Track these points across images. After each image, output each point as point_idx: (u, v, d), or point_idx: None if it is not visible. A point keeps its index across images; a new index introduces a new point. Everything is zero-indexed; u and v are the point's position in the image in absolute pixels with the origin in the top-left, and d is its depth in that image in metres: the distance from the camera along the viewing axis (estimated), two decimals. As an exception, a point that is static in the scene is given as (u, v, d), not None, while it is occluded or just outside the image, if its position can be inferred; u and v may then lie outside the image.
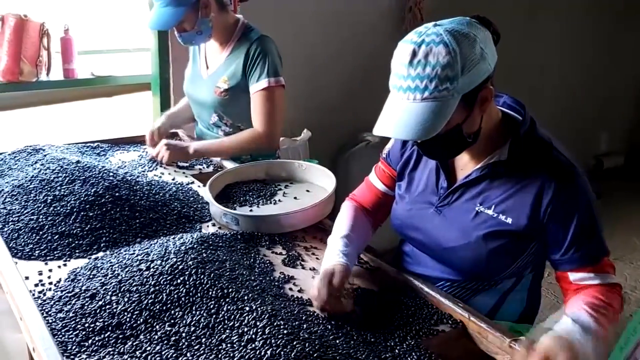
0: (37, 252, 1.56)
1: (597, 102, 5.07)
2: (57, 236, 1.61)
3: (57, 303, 1.33)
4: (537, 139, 1.39)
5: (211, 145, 2.30)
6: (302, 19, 3.45)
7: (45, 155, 1.99)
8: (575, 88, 4.88)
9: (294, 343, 1.14)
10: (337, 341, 1.24)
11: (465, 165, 1.46)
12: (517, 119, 1.43)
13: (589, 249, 1.36)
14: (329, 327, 1.31)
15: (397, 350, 1.25)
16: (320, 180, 2.04)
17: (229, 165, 2.23)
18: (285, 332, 1.17)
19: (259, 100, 2.25)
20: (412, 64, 1.24)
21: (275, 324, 1.19)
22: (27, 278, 1.44)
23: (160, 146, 2.22)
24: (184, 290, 1.30)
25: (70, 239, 1.60)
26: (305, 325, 1.25)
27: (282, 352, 1.12)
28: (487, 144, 1.40)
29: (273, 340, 1.14)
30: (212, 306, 1.26)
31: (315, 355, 1.13)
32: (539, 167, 1.36)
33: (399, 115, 1.26)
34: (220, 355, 1.13)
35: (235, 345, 1.15)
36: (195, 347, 1.16)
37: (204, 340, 1.18)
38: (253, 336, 1.16)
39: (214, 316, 1.23)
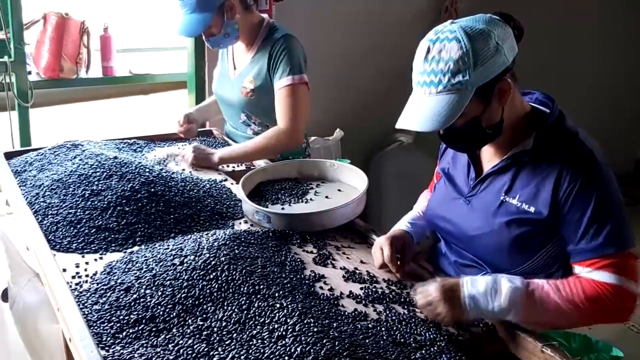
0: (74, 245, 1.60)
1: (636, 106, 4.96)
2: (94, 230, 1.64)
3: (93, 295, 1.36)
4: (563, 130, 1.41)
5: (235, 151, 2.28)
6: (337, 19, 3.45)
7: (83, 151, 2.03)
8: (614, 91, 4.78)
9: (324, 341, 1.15)
10: (367, 340, 1.24)
11: (492, 156, 1.49)
12: (546, 113, 1.45)
13: (599, 242, 1.33)
14: (359, 326, 1.31)
15: (424, 351, 1.25)
16: (352, 180, 2.04)
17: (261, 163, 2.24)
18: (315, 330, 1.18)
19: (282, 97, 2.25)
20: (427, 60, 1.33)
21: (305, 321, 1.20)
22: (64, 270, 1.48)
23: (188, 148, 2.23)
24: (216, 286, 1.31)
25: (107, 233, 1.64)
26: (335, 324, 1.26)
27: (311, 350, 1.12)
28: (513, 136, 1.43)
29: (303, 338, 1.15)
30: (243, 302, 1.27)
31: (344, 353, 1.13)
32: (561, 156, 1.37)
33: (417, 109, 1.35)
34: (250, 351, 1.14)
35: (265, 342, 1.16)
36: (227, 342, 1.18)
37: (235, 335, 1.19)
38: (283, 333, 1.17)
39: (245, 312, 1.25)
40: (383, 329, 1.31)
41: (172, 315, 1.26)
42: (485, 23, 1.33)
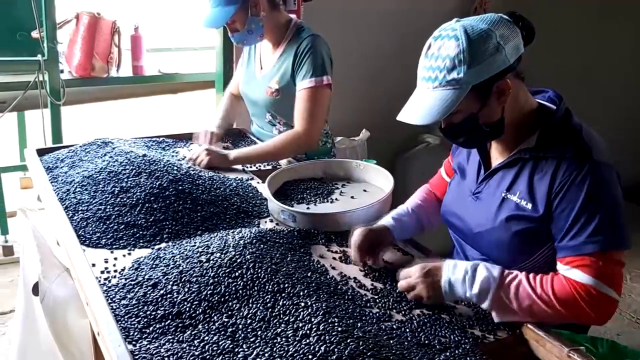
0: (103, 240, 1.63)
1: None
2: (122, 226, 1.67)
3: (121, 290, 1.38)
4: (567, 128, 1.41)
5: (251, 151, 2.28)
6: (365, 19, 3.45)
7: (113, 148, 2.06)
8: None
9: (348, 341, 1.15)
10: (391, 341, 1.24)
11: (500, 154, 1.51)
12: (553, 110, 1.45)
13: (581, 240, 1.32)
14: (383, 327, 1.31)
15: (448, 353, 1.24)
16: (377, 181, 2.03)
17: (287, 162, 2.25)
18: (339, 329, 1.18)
19: (302, 99, 2.24)
20: (427, 56, 1.38)
21: (329, 320, 1.20)
22: (93, 265, 1.50)
23: (201, 150, 2.18)
24: (242, 283, 1.33)
25: (135, 229, 1.66)
26: (359, 324, 1.26)
27: (335, 349, 1.12)
28: (518, 134, 1.45)
29: (327, 337, 1.15)
30: (268, 300, 1.28)
31: (368, 354, 1.13)
32: (560, 153, 1.37)
33: (415, 103, 1.39)
34: (275, 349, 1.15)
35: (290, 340, 1.17)
36: (251, 340, 1.19)
37: (259, 333, 1.20)
38: (308, 332, 1.18)
39: (270, 310, 1.26)
40: (407, 330, 1.31)
41: (198, 312, 1.28)
42: (489, 23, 1.35)
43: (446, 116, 1.35)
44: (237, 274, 1.35)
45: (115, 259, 1.55)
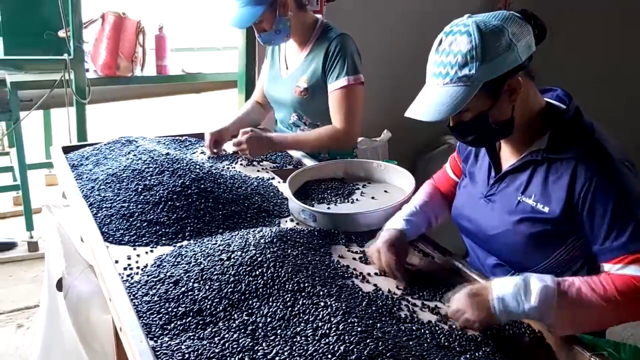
0: (126, 237, 1.64)
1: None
2: (145, 223, 1.68)
3: (143, 287, 1.40)
4: (578, 128, 1.39)
5: (291, 138, 2.34)
6: (388, 20, 3.44)
7: (137, 147, 2.09)
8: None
9: (367, 341, 1.15)
10: (411, 342, 1.24)
11: (510, 155, 1.49)
12: (562, 110, 1.43)
13: (626, 239, 1.30)
14: (403, 328, 1.31)
15: (469, 355, 1.24)
16: (398, 181, 2.03)
17: (309, 162, 2.26)
18: (359, 329, 1.18)
19: (338, 98, 2.27)
20: (438, 52, 1.37)
21: (349, 320, 1.21)
22: (116, 262, 1.52)
23: (244, 138, 2.23)
24: (262, 282, 1.33)
25: (158, 227, 1.68)
26: (379, 325, 1.26)
27: (355, 349, 1.13)
28: (529, 135, 1.43)
29: (347, 337, 1.15)
30: (288, 299, 1.29)
31: (388, 354, 1.13)
32: (575, 154, 1.35)
33: (424, 99, 1.38)
34: (294, 348, 1.15)
35: (309, 339, 1.17)
36: (271, 338, 1.19)
37: (279, 331, 1.21)
38: (327, 331, 1.18)
39: (290, 309, 1.26)
40: (427, 331, 1.31)
41: (218, 309, 1.29)
42: (501, 20, 1.33)
43: (455, 114, 1.34)
44: (257, 272, 1.36)
45: (138, 255, 1.57)
